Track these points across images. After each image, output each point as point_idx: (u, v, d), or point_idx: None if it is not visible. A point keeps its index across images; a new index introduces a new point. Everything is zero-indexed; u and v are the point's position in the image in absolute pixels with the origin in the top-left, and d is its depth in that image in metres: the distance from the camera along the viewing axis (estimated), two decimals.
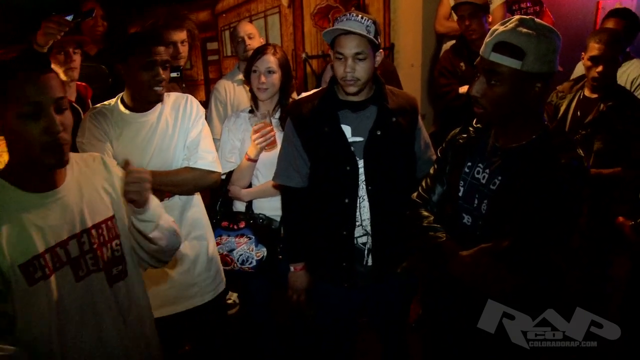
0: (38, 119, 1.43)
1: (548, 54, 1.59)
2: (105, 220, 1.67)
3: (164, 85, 2.28)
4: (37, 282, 1.48)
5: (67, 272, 1.56)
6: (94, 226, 1.63)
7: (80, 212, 1.60)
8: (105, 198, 1.71)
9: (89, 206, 1.63)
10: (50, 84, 1.46)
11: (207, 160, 2.39)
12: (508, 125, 1.72)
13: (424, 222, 1.92)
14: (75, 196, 1.60)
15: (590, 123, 2.87)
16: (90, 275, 1.62)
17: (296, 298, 2.45)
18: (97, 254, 1.63)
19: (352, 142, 2.21)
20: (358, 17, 2.08)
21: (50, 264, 1.51)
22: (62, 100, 1.48)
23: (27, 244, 1.46)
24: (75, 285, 1.57)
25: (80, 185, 1.64)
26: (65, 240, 1.55)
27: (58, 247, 1.53)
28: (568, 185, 1.61)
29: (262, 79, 2.61)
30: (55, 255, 1.53)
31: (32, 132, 1.43)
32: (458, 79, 3.48)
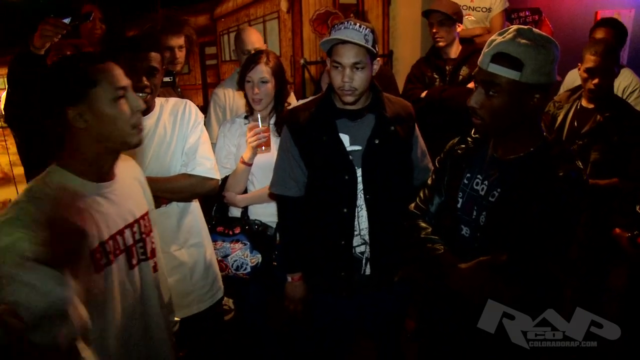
0: (126, 100, 1.55)
1: (546, 65, 1.59)
2: (145, 214, 1.78)
3: (148, 92, 2.24)
4: (103, 269, 1.55)
5: (122, 260, 1.64)
6: (141, 217, 1.74)
7: (131, 204, 1.70)
8: (142, 193, 1.82)
9: (134, 199, 1.74)
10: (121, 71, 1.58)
11: (205, 166, 2.37)
12: (507, 136, 1.72)
13: (421, 234, 1.91)
14: (125, 189, 1.69)
15: (587, 133, 2.88)
16: (140, 263, 1.72)
17: (293, 308, 2.44)
18: (145, 243, 1.75)
19: (350, 151, 2.20)
20: (356, 26, 2.06)
21: (112, 251, 1.59)
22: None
23: (95, 231, 1.53)
24: (128, 272, 1.66)
25: (126, 180, 1.73)
26: (122, 229, 1.64)
27: (118, 235, 1.62)
28: (567, 197, 1.60)
29: (256, 90, 2.61)
30: (115, 243, 1.60)
31: (125, 112, 1.54)
32: (424, 85, 3.56)
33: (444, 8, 3.44)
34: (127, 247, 1.66)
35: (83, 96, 1.48)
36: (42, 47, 2.40)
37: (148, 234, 1.77)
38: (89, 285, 1.49)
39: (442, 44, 3.49)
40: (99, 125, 1.52)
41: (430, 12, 3.49)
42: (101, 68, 1.51)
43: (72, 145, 1.55)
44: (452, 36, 3.48)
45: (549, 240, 1.63)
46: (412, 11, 4.76)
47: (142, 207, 1.77)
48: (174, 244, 2.40)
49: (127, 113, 1.55)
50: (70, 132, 1.53)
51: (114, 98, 1.52)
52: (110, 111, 1.52)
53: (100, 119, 1.51)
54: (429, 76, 3.57)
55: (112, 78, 1.52)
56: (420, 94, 3.49)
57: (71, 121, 1.49)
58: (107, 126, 1.53)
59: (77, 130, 1.51)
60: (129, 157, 1.83)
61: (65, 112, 1.48)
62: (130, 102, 1.56)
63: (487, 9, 4.18)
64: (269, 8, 4.48)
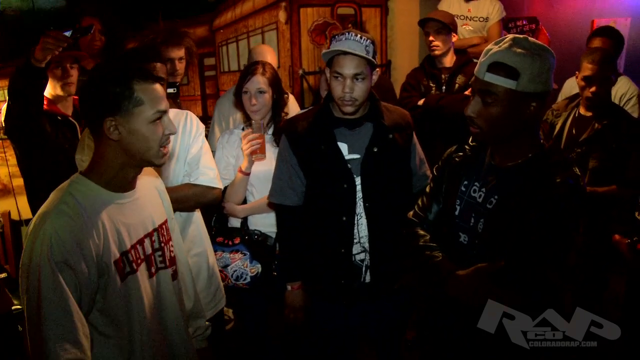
0: (162, 123, 1.59)
1: (542, 73, 1.60)
2: (164, 222, 1.81)
3: None
4: (127, 277, 1.59)
5: (143, 268, 1.67)
6: (160, 226, 1.77)
7: (150, 213, 1.73)
8: (161, 202, 1.86)
9: (154, 208, 1.77)
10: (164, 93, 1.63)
11: (208, 176, 2.38)
12: (504, 144, 1.73)
13: (420, 241, 1.91)
14: (145, 198, 1.73)
15: (586, 141, 2.89)
16: (159, 271, 1.74)
17: (294, 316, 2.44)
18: (164, 252, 1.77)
19: (349, 160, 2.22)
20: (357, 37, 2.07)
21: (135, 259, 1.62)
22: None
23: (119, 240, 1.57)
24: (149, 281, 1.69)
25: (146, 190, 1.77)
26: (142, 237, 1.67)
27: (138, 244, 1.65)
28: (564, 203, 1.61)
29: (253, 101, 2.62)
30: (137, 252, 1.64)
31: (158, 134, 1.58)
32: (420, 93, 3.60)
33: (440, 17, 3.48)
34: (146, 255, 1.68)
35: (126, 111, 1.52)
36: (44, 59, 2.42)
37: (167, 242, 1.79)
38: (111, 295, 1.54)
39: (438, 53, 3.53)
40: (131, 140, 1.55)
41: (427, 20, 3.53)
42: (150, 89, 1.55)
43: (99, 154, 1.58)
44: (447, 45, 3.52)
45: (546, 247, 1.63)
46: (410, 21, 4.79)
47: (162, 215, 1.80)
48: None
49: (160, 135, 1.58)
50: (100, 141, 1.57)
51: (153, 120, 1.55)
52: (145, 130, 1.55)
53: (134, 135, 1.54)
54: (424, 84, 3.61)
55: (156, 100, 1.56)
56: (417, 102, 3.52)
57: (106, 131, 1.52)
58: (138, 143, 1.56)
59: (107, 140, 1.54)
60: (148, 168, 1.85)
61: (103, 121, 1.51)
62: (164, 125, 1.60)
63: (484, 19, 4.21)
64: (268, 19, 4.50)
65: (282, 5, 4.46)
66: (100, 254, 1.50)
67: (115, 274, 1.54)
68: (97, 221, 1.51)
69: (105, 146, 1.57)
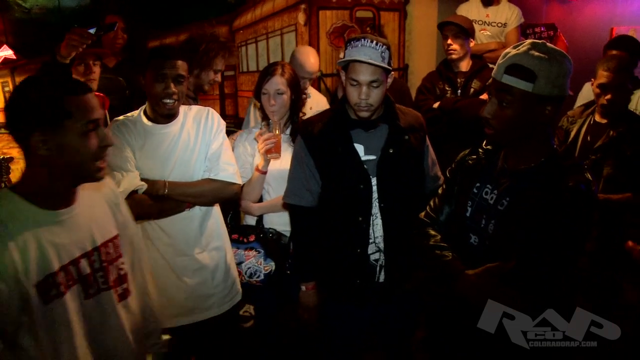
0: (96, 134, 1.50)
1: (559, 78, 1.62)
2: (112, 239, 1.70)
3: (175, 98, 2.30)
4: (52, 301, 1.48)
5: (77, 290, 1.56)
6: (103, 244, 1.65)
7: (91, 230, 1.62)
8: (111, 216, 1.74)
9: (98, 224, 1.66)
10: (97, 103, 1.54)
11: (228, 172, 2.42)
12: (518, 147, 1.74)
13: (430, 241, 1.93)
14: (86, 214, 1.62)
15: (600, 148, 2.88)
16: (100, 293, 1.63)
17: (307, 316, 2.46)
18: (106, 271, 1.65)
19: (365, 161, 2.24)
20: (372, 43, 2.08)
21: (64, 282, 1.51)
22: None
23: (43, 262, 1.46)
24: (84, 303, 1.58)
25: (91, 204, 1.66)
26: (77, 258, 1.56)
27: (70, 265, 1.54)
28: (574, 208, 1.62)
29: (272, 102, 2.66)
30: (67, 273, 1.53)
31: (90, 147, 1.49)
32: (435, 96, 3.61)
33: (459, 21, 3.50)
34: (82, 276, 1.57)
35: (54, 125, 1.44)
36: (68, 56, 2.47)
37: (113, 261, 1.69)
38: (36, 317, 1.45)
39: (455, 57, 3.55)
40: (61, 155, 1.46)
41: (445, 24, 3.54)
42: (78, 100, 1.47)
43: (29, 169, 1.50)
44: (464, 50, 3.54)
45: (556, 251, 1.64)
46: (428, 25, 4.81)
47: (108, 232, 1.70)
48: (196, 247, 2.45)
49: (93, 147, 1.50)
50: (29, 154, 1.48)
51: (83, 132, 1.47)
52: (75, 144, 1.47)
53: (63, 149, 1.46)
54: (440, 88, 3.62)
55: (86, 112, 1.47)
56: (432, 105, 3.54)
57: (33, 146, 1.44)
58: (69, 158, 1.48)
59: (36, 156, 1.46)
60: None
61: (30, 136, 1.43)
62: (100, 136, 1.51)
63: (502, 24, 4.22)
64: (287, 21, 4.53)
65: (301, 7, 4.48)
66: (21, 276, 1.40)
67: (37, 297, 1.43)
68: (20, 241, 1.41)
69: (35, 160, 1.48)
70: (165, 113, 2.34)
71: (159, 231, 2.40)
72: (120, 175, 2.24)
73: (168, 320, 2.44)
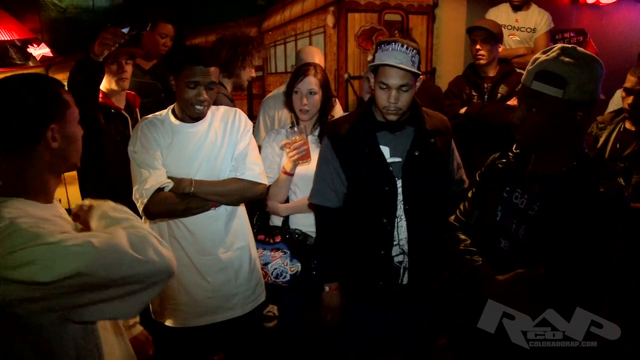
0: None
1: (590, 83, 1.60)
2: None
3: (205, 104, 2.32)
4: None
5: None
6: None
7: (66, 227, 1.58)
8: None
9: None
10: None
11: (254, 172, 2.44)
12: (548, 152, 1.73)
13: (460, 246, 1.93)
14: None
15: (629, 156, 2.84)
16: None
17: (330, 317, 2.47)
18: None
19: (391, 163, 2.25)
20: (403, 48, 2.09)
21: None
22: None
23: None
24: None
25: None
26: None
27: None
28: (606, 214, 1.61)
29: (304, 101, 2.67)
30: None
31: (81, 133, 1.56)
32: (462, 101, 3.59)
33: (488, 26, 3.48)
34: None
35: (61, 116, 1.48)
36: (101, 54, 2.53)
37: None
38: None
39: (483, 62, 3.52)
40: (66, 145, 1.50)
41: (474, 29, 3.53)
42: (65, 91, 1.52)
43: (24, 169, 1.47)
44: (492, 55, 3.51)
45: (586, 257, 1.63)
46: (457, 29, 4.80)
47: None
48: (221, 247, 2.46)
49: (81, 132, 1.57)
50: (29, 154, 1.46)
51: (77, 120, 1.53)
52: (75, 131, 1.53)
53: (68, 139, 1.50)
54: (467, 93, 3.60)
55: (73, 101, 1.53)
56: (459, 110, 3.53)
57: (49, 139, 1.45)
58: (71, 146, 1.53)
59: (45, 151, 1.46)
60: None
61: (47, 130, 1.44)
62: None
63: (531, 30, 4.20)
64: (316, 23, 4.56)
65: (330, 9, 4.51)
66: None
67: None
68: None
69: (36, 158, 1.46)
70: (195, 116, 2.38)
71: (184, 230, 2.41)
72: (147, 172, 2.26)
73: (191, 320, 2.47)
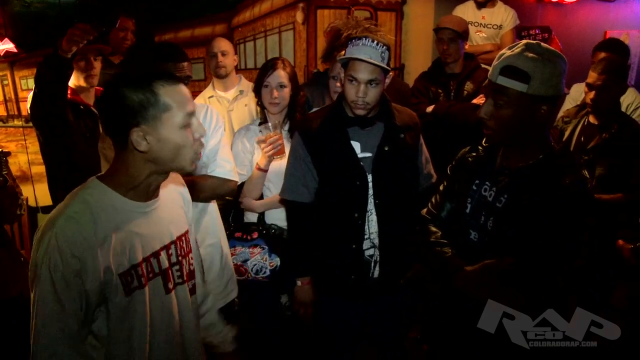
0: (190, 127, 1.47)
1: (553, 78, 1.64)
2: (184, 234, 1.69)
3: None
4: (133, 292, 1.48)
5: (158, 283, 1.56)
6: (178, 238, 1.65)
7: (168, 224, 1.61)
8: (184, 211, 1.75)
9: (174, 218, 1.66)
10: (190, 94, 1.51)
11: (225, 168, 2.44)
12: (515, 145, 1.77)
13: (431, 237, 1.96)
14: (165, 208, 1.62)
15: (593, 149, 2.92)
16: (177, 287, 1.63)
17: (303, 311, 2.49)
18: (181, 265, 1.65)
19: (361, 158, 2.27)
20: (373, 43, 2.11)
21: (145, 274, 1.51)
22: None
23: (128, 252, 1.46)
24: (164, 297, 1.58)
25: (169, 197, 1.67)
26: (157, 251, 1.56)
27: (152, 258, 1.54)
28: (572, 206, 1.65)
29: (275, 94, 2.68)
30: (149, 266, 1.53)
31: (190, 140, 1.47)
32: (429, 99, 3.61)
33: (455, 26, 3.50)
34: (162, 270, 1.56)
35: (153, 119, 1.39)
36: (70, 50, 2.49)
37: (186, 255, 1.67)
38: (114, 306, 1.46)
39: (450, 60, 3.55)
40: (161, 149, 1.43)
41: (441, 29, 3.56)
42: (175, 90, 1.43)
43: (123, 163, 1.46)
44: (459, 54, 3.54)
45: (553, 248, 1.67)
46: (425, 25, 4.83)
47: (182, 226, 1.69)
48: None
49: (191, 140, 1.46)
50: (125, 151, 1.44)
51: (183, 125, 1.43)
52: (177, 137, 1.43)
53: (164, 144, 1.42)
54: (433, 91, 3.63)
55: (184, 103, 1.44)
56: (425, 109, 3.55)
57: (133, 142, 1.40)
58: (170, 152, 1.44)
59: (134, 151, 1.42)
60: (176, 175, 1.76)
61: (129, 133, 1.39)
62: (194, 128, 1.47)
63: (498, 26, 4.26)
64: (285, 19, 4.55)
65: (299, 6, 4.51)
66: (108, 266, 1.40)
67: (120, 288, 1.44)
68: (108, 231, 1.41)
69: (131, 156, 1.44)
70: None
71: None
72: None
73: None
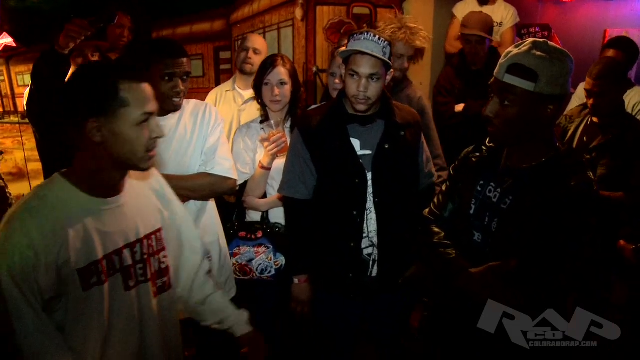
0: (148, 125, 1.50)
1: (560, 77, 1.63)
2: (155, 232, 1.70)
3: (182, 96, 2.30)
4: (92, 288, 1.49)
5: (118, 280, 1.57)
6: (145, 236, 1.66)
7: (136, 221, 1.63)
8: (155, 209, 1.75)
9: (142, 216, 1.66)
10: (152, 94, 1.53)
11: (224, 166, 2.42)
12: (520, 145, 1.75)
13: (434, 238, 1.94)
14: (132, 204, 1.63)
15: (595, 148, 2.91)
16: (139, 285, 1.64)
17: (300, 309, 2.47)
18: (146, 264, 1.66)
19: (361, 155, 2.26)
20: (375, 38, 2.11)
21: (105, 271, 1.52)
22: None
23: (88, 248, 1.48)
24: (124, 294, 1.59)
25: (137, 194, 1.67)
26: (120, 248, 1.57)
27: (114, 255, 1.55)
28: (577, 207, 1.63)
29: (276, 91, 2.66)
30: (110, 262, 1.54)
31: (144, 137, 1.49)
32: (454, 97, 3.60)
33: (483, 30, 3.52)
34: (123, 267, 1.58)
35: (110, 113, 1.44)
36: (67, 46, 2.46)
37: (155, 254, 1.69)
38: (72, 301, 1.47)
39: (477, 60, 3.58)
40: (115, 143, 1.47)
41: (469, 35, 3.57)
42: (136, 88, 1.47)
43: (81, 159, 1.51)
44: (485, 51, 3.57)
45: (557, 250, 1.65)
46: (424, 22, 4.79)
47: (152, 224, 1.70)
48: None
49: (146, 137, 1.50)
50: (82, 142, 1.48)
51: (138, 122, 1.47)
52: (130, 133, 1.47)
53: (117, 137, 1.46)
54: (458, 88, 3.61)
55: (143, 102, 1.48)
56: (454, 109, 3.53)
57: (88, 132, 1.44)
58: (122, 146, 1.48)
59: (90, 142, 1.46)
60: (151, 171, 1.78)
61: (86, 123, 1.43)
62: (151, 128, 1.51)
63: (498, 24, 4.24)
64: (284, 16, 4.53)
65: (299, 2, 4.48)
66: (66, 261, 1.43)
67: (78, 282, 1.46)
68: (65, 226, 1.43)
69: (87, 147, 1.48)
70: (172, 109, 2.34)
71: None
72: None
73: None
